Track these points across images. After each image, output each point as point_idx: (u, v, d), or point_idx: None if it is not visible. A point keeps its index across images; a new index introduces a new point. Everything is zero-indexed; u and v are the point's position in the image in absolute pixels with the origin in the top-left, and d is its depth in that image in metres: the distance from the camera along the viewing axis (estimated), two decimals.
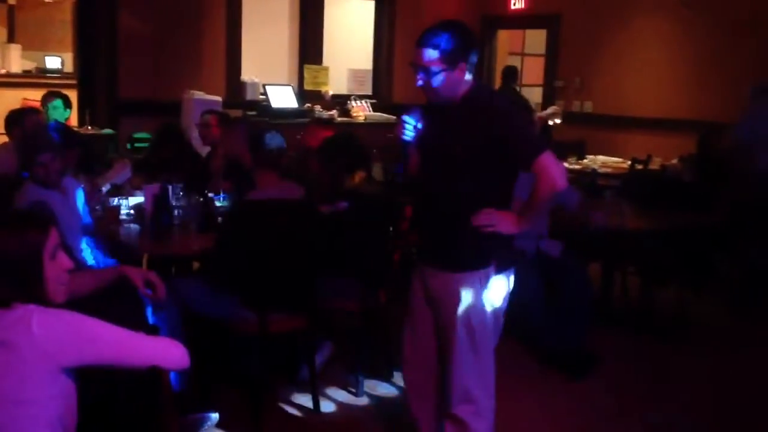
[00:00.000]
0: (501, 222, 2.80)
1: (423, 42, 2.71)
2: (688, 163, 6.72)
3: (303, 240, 3.71)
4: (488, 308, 2.91)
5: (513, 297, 4.48)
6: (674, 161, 7.05)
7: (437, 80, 2.71)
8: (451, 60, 2.69)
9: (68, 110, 6.12)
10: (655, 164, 7.12)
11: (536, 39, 10.35)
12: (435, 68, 2.69)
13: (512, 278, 3.01)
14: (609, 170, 7.34)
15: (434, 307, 2.99)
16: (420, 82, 2.75)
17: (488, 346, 2.98)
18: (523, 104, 8.14)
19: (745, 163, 5.74)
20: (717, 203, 5.80)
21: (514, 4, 9.76)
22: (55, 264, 1.98)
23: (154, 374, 2.07)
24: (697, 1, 7.27)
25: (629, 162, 7.21)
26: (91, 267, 3.75)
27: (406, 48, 2.58)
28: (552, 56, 9.54)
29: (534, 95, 10.30)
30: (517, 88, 9.31)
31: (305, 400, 3.91)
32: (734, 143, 5.87)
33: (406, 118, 2.80)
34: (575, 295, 4.48)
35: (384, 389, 4.14)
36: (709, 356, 4.82)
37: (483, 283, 2.87)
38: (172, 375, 2.66)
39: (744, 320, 5.51)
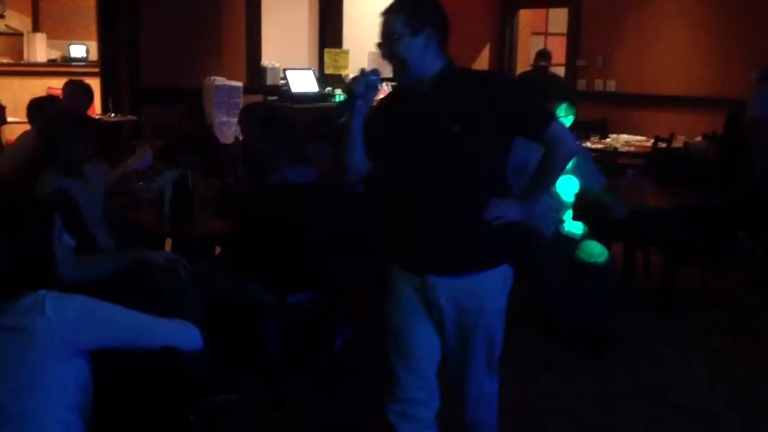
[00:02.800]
0: (509, 210, 2.56)
1: (386, 10, 2.51)
2: (713, 141, 6.65)
3: (321, 222, 3.74)
4: (504, 309, 2.69)
5: (532, 277, 4.55)
6: (698, 139, 6.99)
7: (402, 47, 2.45)
8: (415, 24, 2.44)
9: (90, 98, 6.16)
10: (678, 142, 7.06)
11: (560, 18, 10.25)
12: (399, 33, 2.44)
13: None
14: (632, 149, 7.29)
15: (442, 324, 2.62)
16: (384, 54, 2.50)
17: (498, 354, 2.72)
18: (557, 83, 8.12)
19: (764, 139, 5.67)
20: (741, 181, 5.75)
21: None
22: (61, 244, 2.03)
23: (169, 355, 2.10)
24: None
25: (652, 140, 7.15)
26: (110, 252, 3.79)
27: None
28: (574, 35, 9.45)
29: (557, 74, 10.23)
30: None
31: (326, 382, 3.95)
32: (752, 120, 5.80)
33: (366, 71, 2.51)
34: (597, 275, 4.46)
35: None
36: (732, 335, 4.78)
37: (504, 282, 2.64)
38: (192, 358, 2.70)
39: (766, 299, 5.45)
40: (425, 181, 2.50)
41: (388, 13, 2.49)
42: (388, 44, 2.47)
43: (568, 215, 4.60)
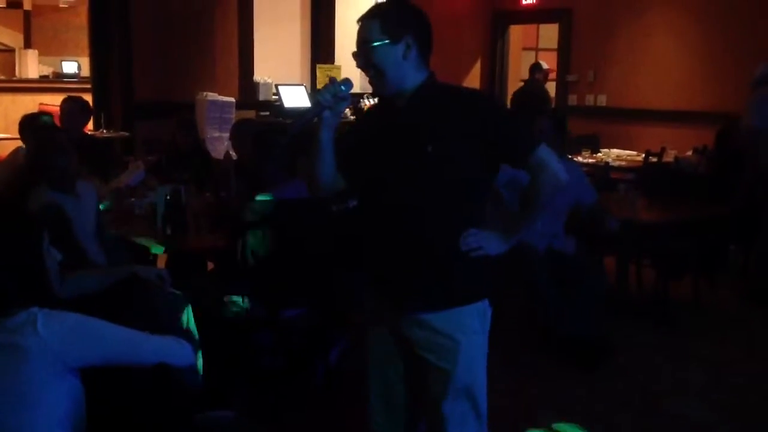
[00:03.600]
0: (489, 242, 2.33)
1: (362, 16, 2.29)
2: (704, 155, 6.69)
3: (315, 237, 3.74)
4: (485, 351, 2.43)
5: (527, 289, 4.56)
6: (688, 153, 7.03)
7: (378, 55, 2.22)
8: (393, 31, 2.22)
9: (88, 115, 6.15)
10: (669, 157, 7.09)
11: (550, 33, 10.32)
12: (375, 41, 2.22)
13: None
14: (623, 163, 7.32)
15: (418, 364, 2.39)
16: (359, 63, 2.27)
17: (484, 397, 2.45)
18: (542, 97, 8.17)
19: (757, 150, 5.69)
20: (733, 194, 5.78)
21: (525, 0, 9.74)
22: (50, 257, 2.03)
23: (162, 371, 2.10)
24: None
25: (643, 155, 7.19)
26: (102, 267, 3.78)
27: None
28: (564, 50, 9.52)
29: (548, 89, 10.29)
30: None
31: (322, 396, 3.94)
32: (745, 128, 5.82)
33: (336, 80, 2.29)
34: (590, 288, 4.50)
35: None
36: (725, 347, 4.80)
37: (482, 320, 2.39)
38: (186, 374, 2.69)
39: (759, 311, 5.47)
40: (395, 204, 2.29)
41: (363, 19, 2.28)
42: (363, 52, 2.26)
43: (560, 230, 4.62)
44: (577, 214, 4.62)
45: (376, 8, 2.30)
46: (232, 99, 7.89)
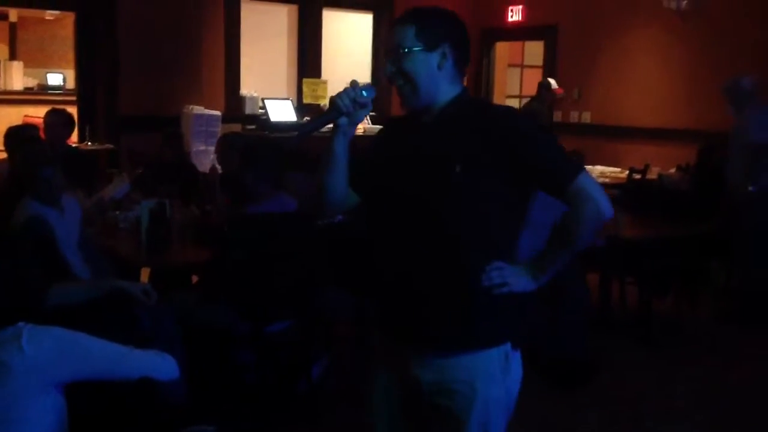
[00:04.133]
0: (516, 279, 2.06)
1: (395, 21, 2.09)
2: (686, 173, 6.74)
3: (299, 252, 3.74)
4: (506, 402, 2.15)
5: None
6: (672, 171, 7.08)
7: (411, 62, 2.02)
8: (429, 38, 2.02)
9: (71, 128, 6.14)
10: (652, 174, 7.14)
11: (536, 50, 10.39)
12: (408, 47, 2.02)
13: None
14: (607, 180, 7.36)
15: (427, 412, 2.15)
16: (389, 69, 2.05)
17: None
18: (540, 115, 8.13)
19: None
20: (714, 213, 5.83)
21: (512, 17, 9.80)
22: (34, 270, 2.03)
23: (146, 385, 2.09)
24: (694, 11, 7.29)
25: (627, 172, 7.24)
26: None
27: None
28: (549, 67, 9.57)
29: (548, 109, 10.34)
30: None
31: (303, 412, 3.92)
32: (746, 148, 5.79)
33: (357, 84, 2.05)
34: (574, 306, 4.50)
35: None
36: (708, 366, 4.82)
37: (503, 366, 2.11)
38: (169, 388, 2.68)
39: (740, 330, 5.50)
40: (414, 231, 2.05)
41: (397, 23, 2.07)
42: (394, 60, 2.04)
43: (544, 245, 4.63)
44: None
45: (413, 13, 2.08)
46: (218, 112, 7.88)
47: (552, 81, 8.28)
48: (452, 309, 2.04)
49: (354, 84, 2.04)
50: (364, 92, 2.01)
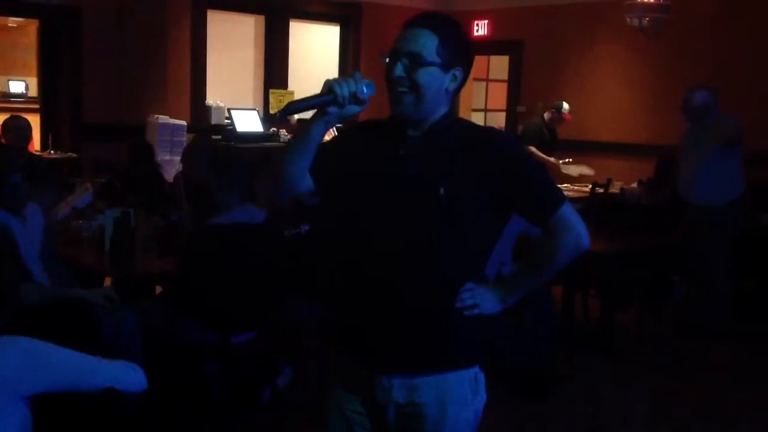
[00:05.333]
0: (484, 300, 2.04)
1: (418, 21, 1.95)
2: (647, 186, 6.85)
3: (266, 263, 3.72)
4: (474, 423, 2.10)
5: None
6: (633, 185, 7.18)
7: (426, 76, 1.92)
8: (449, 57, 1.94)
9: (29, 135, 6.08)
10: (615, 188, 7.24)
11: (501, 65, 10.49)
12: (429, 60, 1.91)
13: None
14: (571, 194, 7.43)
15: None
16: (397, 72, 1.92)
17: None
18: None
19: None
20: (674, 226, 5.93)
21: (477, 31, 9.89)
22: None
23: (111, 396, 2.07)
24: (656, 29, 7.42)
25: (590, 186, 7.32)
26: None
27: (370, 72, 2.00)
28: (515, 82, 9.68)
29: (498, 120, 10.44)
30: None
31: (268, 423, 3.90)
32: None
33: (360, 76, 1.92)
34: (538, 318, 4.54)
35: None
36: (669, 377, 4.89)
37: (473, 387, 2.07)
38: (133, 398, 2.65)
39: (701, 342, 5.58)
40: (388, 248, 1.96)
41: (419, 26, 1.94)
42: (409, 67, 1.92)
43: (508, 257, 4.67)
44: (525, 241, 4.68)
45: (437, 22, 1.95)
46: (184, 122, 7.83)
47: (565, 104, 8.29)
48: (426, 329, 1.98)
49: (357, 75, 1.92)
50: (364, 88, 1.90)
